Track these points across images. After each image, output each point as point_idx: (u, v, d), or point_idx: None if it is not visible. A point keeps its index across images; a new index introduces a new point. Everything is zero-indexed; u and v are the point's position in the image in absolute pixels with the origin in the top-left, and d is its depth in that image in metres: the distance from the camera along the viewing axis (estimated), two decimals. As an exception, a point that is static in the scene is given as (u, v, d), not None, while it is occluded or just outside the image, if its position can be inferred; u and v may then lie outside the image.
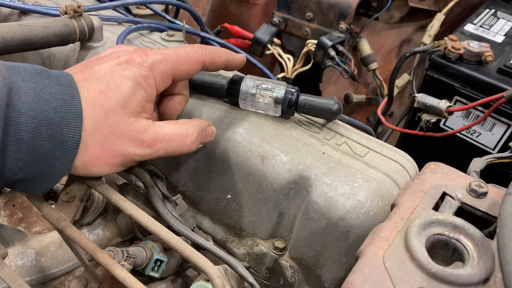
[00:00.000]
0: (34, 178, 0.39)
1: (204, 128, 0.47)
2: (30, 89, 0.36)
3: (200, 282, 0.41)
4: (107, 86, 0.40)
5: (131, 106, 0.41)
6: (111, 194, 0.44)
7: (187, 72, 0.46)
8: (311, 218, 0.46)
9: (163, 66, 0.44)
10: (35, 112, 0.36)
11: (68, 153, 0.39)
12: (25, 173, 0.37)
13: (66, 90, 0.38)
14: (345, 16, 1.05)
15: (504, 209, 0.33)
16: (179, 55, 0.45)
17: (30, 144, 0.36)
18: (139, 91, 0.42)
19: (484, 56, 0.78)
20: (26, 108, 0.36)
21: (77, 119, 0.38)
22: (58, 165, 0.39)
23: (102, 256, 0.41)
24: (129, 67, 0.42)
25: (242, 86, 0.51)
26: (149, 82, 0.42)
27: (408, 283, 0.32)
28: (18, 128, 0.35)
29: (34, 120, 0.36)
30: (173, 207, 0.51)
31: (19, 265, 0.50)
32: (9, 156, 0.35)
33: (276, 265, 0.51)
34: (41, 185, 0.40)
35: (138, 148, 0.42)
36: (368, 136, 0.53)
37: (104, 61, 0.42)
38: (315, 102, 0.50)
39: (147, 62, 0.43)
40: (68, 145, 0.38)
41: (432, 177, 0.42)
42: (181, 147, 0.44)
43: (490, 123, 0.78)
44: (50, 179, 0.39)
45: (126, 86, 0.41)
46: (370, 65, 1.12)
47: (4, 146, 0.35)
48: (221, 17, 1.20)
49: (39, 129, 0.36)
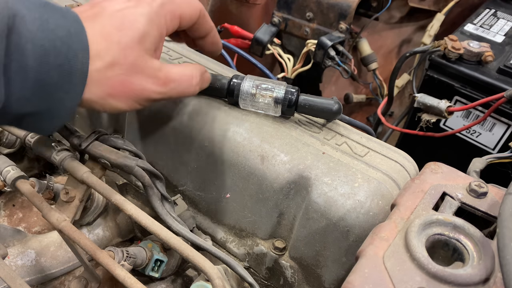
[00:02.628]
0: (42, 113, 0.38)
1: (203, 72, 0.48)
2: (36, 18, 0.36)
3: (200, 282, 0.41)
4: (122, 23, 0.40)
5: (146, 43, 0.41)
6: (111, 194, 0.44)
7: (190, 15, 0.46)
8: (311, 218, 0.46)
9: (172, 6, 0.44)
10: (41, 40, 0.35)
11: (77, 85, 0.38)
12: (33, 106, 0.37)
13: (71, 24, 0.38)
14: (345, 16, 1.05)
15: (504, 209, 0.33)
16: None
17: (38, 73, 0.35)
18: (153, 28, 0.42)
19: (484, 56, 0.78)
20: (33, 35, 0.35)
21: (84, 52, 0.38)
22: (67, 99, 0.38)
23: (102, 256, 0.41)
24: (140, 5, 0.42)
25: (242, 86, 0.51)
26: (160, 20, 0.43)
27: (408, 283, 0.32)
28: (23, 54, 0.34)
29: (41, 48, 0.35)
30: (172, 207, 0.51)
31: (19, 265, 0.50)
32: (15, 85, 0.35)
33: (276, 265, 0.51)
34: (49, 123, 0.39)
35: (155, 85, 0.43)
36: (368, 136, 0.53)
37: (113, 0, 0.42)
38: (315, 102, 0.50)
39: (156, 1, 0.43)
40: (76, 77, 0.37)
41: (432, 177, 0.42)
42: (189, 88, 0.46)
43: (490, 123, 0.78)
44: (59, 116, 0.39)
45: (140, 23, 0.41)
46: (370, 65, 1.12)
47: (9, 73, 0.34)
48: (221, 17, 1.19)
49: (47, 58, 0.35)
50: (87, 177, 0.45)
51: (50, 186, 0.54)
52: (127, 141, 0.49)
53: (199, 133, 0.52)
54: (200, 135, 0.52)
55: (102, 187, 0.45)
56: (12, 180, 0.50)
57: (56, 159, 0.48)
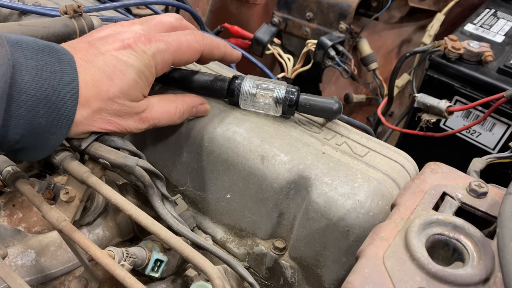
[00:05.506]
0: (30, 148, 0.42)
1: (195, 105, 0.51)
2: (32, 67, 0.39)
3: (200, 282, 0.41)
4: (113, 72, 0.43)
5: (133, 93, 0.45)
6: (111, 194, 0.44)
7: (186, 61, 0.49)
8: (311, 218, 0.46)
9: (165, 55, 0.46)
10: (34, 90, 0.39)
11: (62, 129, 0.42)
12: (22, 144, 0.41)
13: (65, 70, 0.41)
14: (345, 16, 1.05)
15: (504, 209, 0.33)
16: (180, 44, 0.47)
17: (28, 120, 0.39)
18: (142, 79, 0.45)
19: (484, 56, 0.78)
20: (27, 86, 0.38)
21: (73, 99, 0.41)
22: (52, 139, 0.42)
23: (102, 256, 0.41)
24: (133, 55, 0.44)
25: (243, 86, 0.51)
26: (151, 70, 0.46)
27: (408, 283, 0.32)
28: (18, 105, 0.38)
29: (33, 98, 0.39)
30: (172, 207, 0.51)
31: (19, 265, 0.50)
32: (9, 130, 0.39)
33: (276, 265, 0.51)
34: (35, 154, 0.43)
35: (136, 123, 0.47)
36: (368, 136, 0.53)
37: (109, 42, 0.45)
38: (315, 102, 0.50)
39: (150, 50, 0.45)
40: (63, 122, 0.41)
41: (432, 177, 0.42)
42: (169, 122, 0.50)
43: (490, 123, 0.78)
44: (44, 150, 0.43)
45: (130, 75, 0.44)
46: (370, 65, 1.12)
47: (6, 122, 0.38)
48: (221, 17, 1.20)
49: (37, 107, 0.39)
50: (87, 177, 0.45)
51: (50, 186, 0.54)
52: (127, 141, 0.49)
53: (199, 133, 0.52)
54: (200, 135, 0.52)
55: (102, 187, 0.44)
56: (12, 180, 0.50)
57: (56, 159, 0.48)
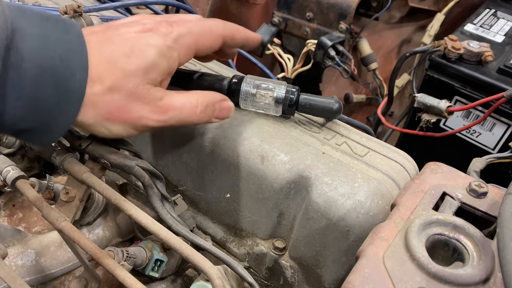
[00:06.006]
0: (37, 129, 0.37)
1: (216, 101, 0.46)
2: (35, 34, 0.35)
3: (200, 282, 0.41)
4: (132, 50, 0.40)
5: (152, 74, 0.41)
6: (111, 194, 0.44)
7: (209, 46, 0.46)
8: (311, 218, 0.46)
9: (188, 39, 0.43)
10: (39, 58, 0.35)
11: (72, 105, 0.37)
12: (27, 123, 0.36)
13: (73, 40, 0.37)
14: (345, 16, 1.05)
15: (504, 209, 0.33)
16: (202, 28, 0.44)
17: (33, 92, 0.35)
18: (163, 61, 0.41)
19: (484, 56, 0.78)
20: (30, 54, 0.34)
21: (82, 71, 0.37)
22: (61, 118, 0.37)
23: (102, 256, 0.41)
24: (155, 36, 0.41)
25: (243, 86, 0.51)
26: (172, 54, 0.42)
27: (408, 283, 0.32)
28: (19, 74, 0.34)
29: (37, 67, 0.34)
30: (172, 207, 0.51)
31: (19, 265, 0.50)
32: (8, 103, 0.34)
33: (276, 265, 0.51)
34: (44, 138, 0.39)
35: (153, 113, 0.42)
36: (368, 136, 0.53)
37: (129, 25, 0.42)
38: (315, 102, 0.50)
39: (172, 33, 0.42)
40: (72, 96, 0.37)
41: (432, 177, 0.42)
42: (191, 116, 0.44)
43: (490, 123, 0.78)
44: (53, 132, 0.38)
45: (150, 53, 0.40)
46: (370, 65, 1.12)
47: (4, 90, 0.34)
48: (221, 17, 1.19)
49: (43, 77, 0.35)
50: (87, 177, 0.45)
51: (50, 186, 0.54)
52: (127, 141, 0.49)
53: (199, 133, 0.52)
54: (200, 135, 0.52)
55: (102, 187, 0.45)
56: (12, 180, 0.50)
57: (56, 159, 0.48)
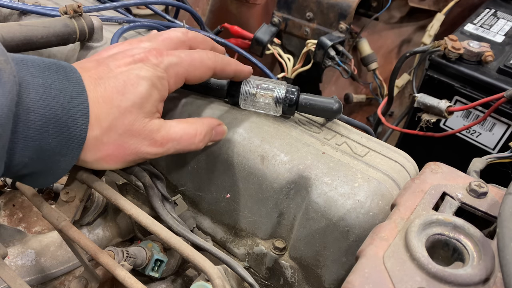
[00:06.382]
0: (39, 173, 0.39)
1: (213, 127, 0.48)
2: (39, 85, 0.36)
3: (200, 282, 0.41)
4: (124, 86, 0.41)
5: (146, 107, 0.42)
6: (111, 194, 0.44)
7: (199, 77, 0.47)
8: (311, 218, 0.46)
9: (178, 68, 0.44)
10: (43, 109, 0.36)
11: (74, 150, 0.39)
12: (30, 168, 0.38)
13: (74, 87, 0.38)
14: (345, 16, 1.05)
15: (504, 209, 0.33)
16: (193, 60, 0.45)
17: (37, 142, 0.36)
18: (154, 92, 0.42)
19: (484, 56, 0.78)
20: (35, 105, 0.36)
21: (84, 117, 0.38)
22: (63, 162, 0.39)
23: (102, 256, 0.41)
24: (145, 68, 0.42)
25: (243, 86, 0.51)
26: (163, 84, 0.43)
27: (408, 283, 0.32)
28: (26, 126, 0.35)
29: (42, 117, 0.36)
30: (172, 207, 0.51)
31: (19, 265, 0.50)
32: (16, 153, 0.36)
33: (276, 265, 0.51)
34: (45, 180, 0.40)
35: (151, 147, 0.43)
36: (368, 136, 0.53)
37: (119, 58, 0.43)
38: (315, 101, 0.50)
39: (162, 63, 0.43)
40: (74, 142, 0.39)
41: (432, 177, 0.42)
42: (190, 146, 0.46)
43: (490, 123, 0.78)
44: (54, 175, 0.40)
45: (142, 87, 0.41)
46: (370, 65, 1.12)
47: (12, 144, 0.35)
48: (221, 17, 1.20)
49: (47, 127, 0.36)
50: (87, 177, 0.45)
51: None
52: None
53: (199, 133, 0.52)
54: (200, 135, 0.52)
55: (102, 187, 0.45)
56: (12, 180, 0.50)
57: (56, 159, 0.48)
